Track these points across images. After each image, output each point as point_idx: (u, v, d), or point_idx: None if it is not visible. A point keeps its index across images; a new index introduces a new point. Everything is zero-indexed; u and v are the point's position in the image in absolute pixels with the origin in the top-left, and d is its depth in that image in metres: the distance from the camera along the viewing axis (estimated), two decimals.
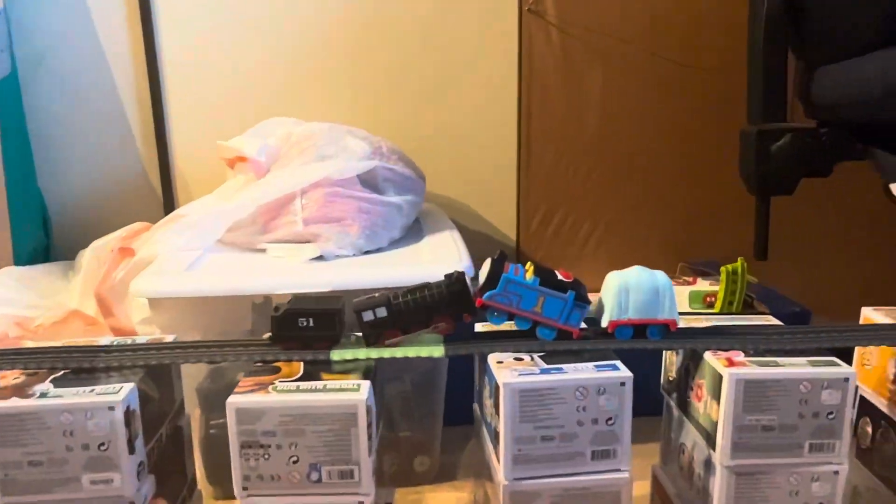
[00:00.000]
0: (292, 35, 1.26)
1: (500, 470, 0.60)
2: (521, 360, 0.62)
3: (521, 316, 0.63)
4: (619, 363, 0.61)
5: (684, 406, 0.68)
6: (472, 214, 1.34)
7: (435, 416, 0.92)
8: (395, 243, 1.01)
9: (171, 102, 1.27)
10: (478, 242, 1.33)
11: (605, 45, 1.22)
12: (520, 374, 0.59)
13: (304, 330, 0.63)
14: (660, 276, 0.64)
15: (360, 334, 0.64)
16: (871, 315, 0.73)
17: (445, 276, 0.64)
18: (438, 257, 0.92)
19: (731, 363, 0.60)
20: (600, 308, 0.65)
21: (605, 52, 1.22)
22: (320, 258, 0.93)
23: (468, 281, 0.64)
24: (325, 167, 0.97)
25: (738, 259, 0.99)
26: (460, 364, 0.72)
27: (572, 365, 0.61)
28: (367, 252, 0.96)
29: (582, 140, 1.27)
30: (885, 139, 0.84)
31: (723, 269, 0.99)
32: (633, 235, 1.31)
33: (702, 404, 0.64)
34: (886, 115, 0.79)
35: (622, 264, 0.66)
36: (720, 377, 0.59)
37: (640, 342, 0.64)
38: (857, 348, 0.73)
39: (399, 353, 0.63)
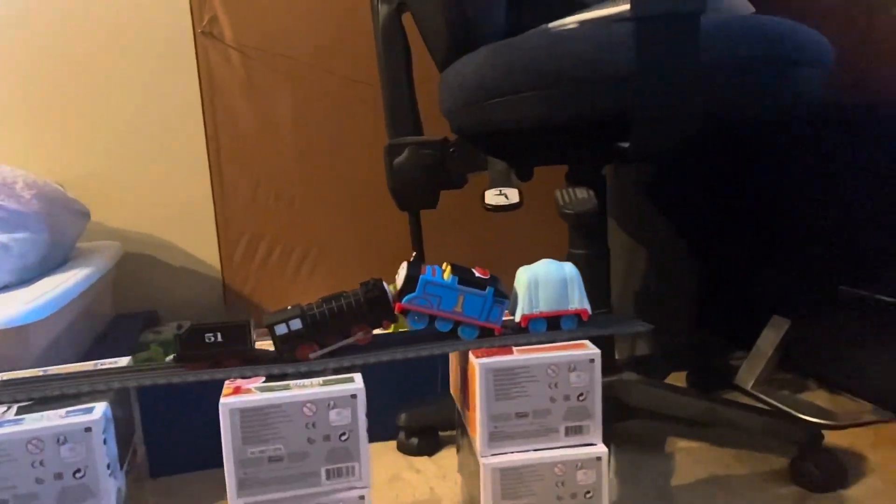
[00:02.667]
0: None
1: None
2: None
3: (443, 317, 0.62)
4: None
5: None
6: (173, 249, 1.23)
7: None
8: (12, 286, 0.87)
9: None
10: (180, 278, 1.23)
11: (287, 65, 1.21)
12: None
13: (211, 346, 0.59)
14: (568, 267, 0.65)
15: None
16: None
17: (361, 284, 0.61)
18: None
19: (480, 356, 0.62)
20: (514, 303, 0.65)
21: (289, 73, 1.21)
22: None
23: (385, 287, 0.61)
24: None
25: None
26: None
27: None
28: None
29: (279, 164, 1.24)
30: (503, 147, 0.84)
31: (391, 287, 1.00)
32: (349, 257, 1.31)
33: None
34: (485, 118, 0.76)
35: (340, 288, 0.64)
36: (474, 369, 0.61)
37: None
38: None
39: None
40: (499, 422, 0.61)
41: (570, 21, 0.76)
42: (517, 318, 0.66)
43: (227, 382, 0.58)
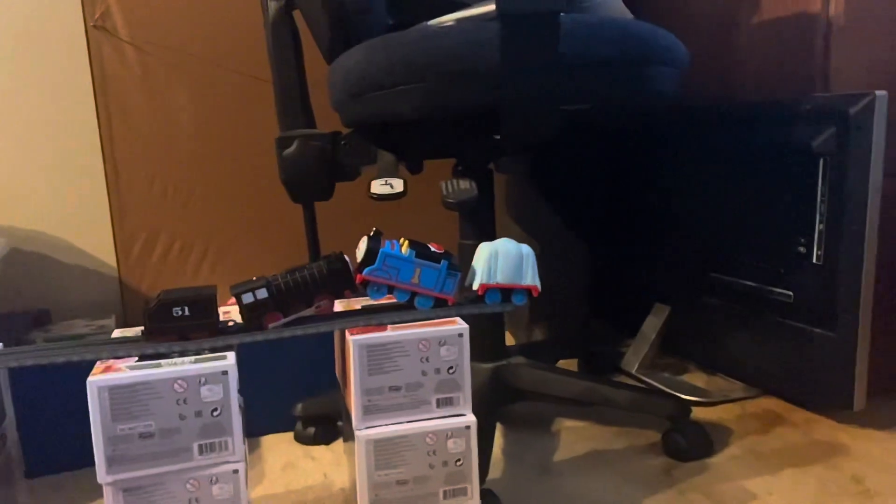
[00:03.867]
0: None
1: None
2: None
3: (400, 288, 0.66)
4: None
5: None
6: (67, 247, 1.20)
7: None
8: None
9: None
10: (74, 276, 1.20)
11: (183, 61, 1.21)
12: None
13: (179, 320, 0.60)
14: (525, 247, 0.69)
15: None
16: None
17: (323, 256, 0.65)
18: None
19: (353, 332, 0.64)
20: (472, 275, 0.68)
21: (185, 69, 1.21)
22: None
23: (347, 259, 0.65)
24: None
25: None
26: None
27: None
28: None
29: (176, 160, 1.23)
30: (389, 139, 0.87)
31: (230, 289, 1.00)
32: (252, 252, 1.31)
33: None
34: (369, 111, 0.79)
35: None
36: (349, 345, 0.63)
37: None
38: None
39: None
40: (372, 395, 0.64)
41: (448, 19, 0.80)
42: (475, 286, 0.69)
43: (98, 362, 0.58)
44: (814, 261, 0.95)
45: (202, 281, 1.27)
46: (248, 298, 0.62)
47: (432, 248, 0.68)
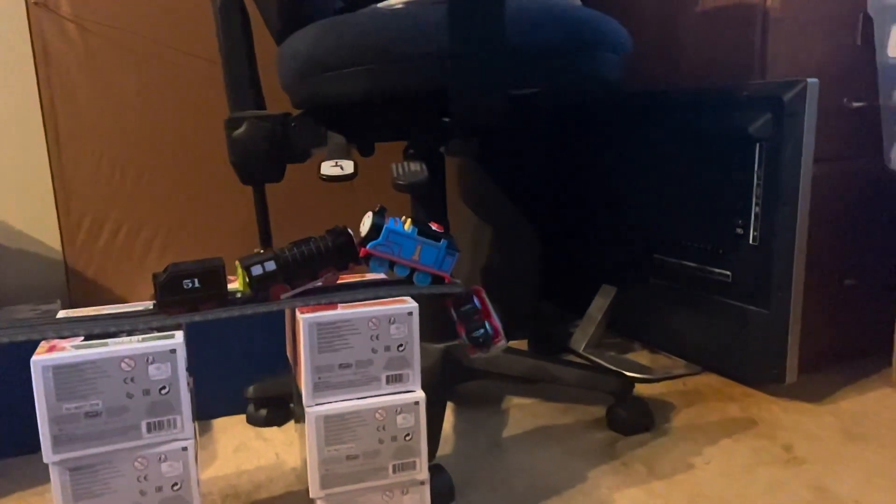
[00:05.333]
0: None
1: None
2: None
3: (401, 264, 0.68)
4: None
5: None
6: (10, 231, 1.17)
7: None
8: None
9: None
10: (17, 261, 1.18)
11: (130, 41, 1.18)
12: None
13: (190, 292, 0.61)
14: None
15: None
16: None
17: (328, 231, 0.67)
18: None
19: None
20: None
21: (132, 49, 1.19)
22: None
23: (352, 234, 0.68)
24: None
25: (255, 251, 1.02)
26: None
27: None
28: None
29: (123, 141, 1.21)
30: (340, 121, 0.87)
31: (237, 262, 1.01)
32: (205, 235, 1.29)
33: None
34: (318, 92, 0.79)
35: None
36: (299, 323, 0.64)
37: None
38: None
39: None
40: (323, 373, 0.65)
41: (397, 1, 0.81)
42: None
43: (42, 342, 0.58)
44: (750, 242, 0.99)
45: (152, 265, 1.26)
46: (257, 270, 0.65)
47: (434, 228, 0.71)
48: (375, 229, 0.68)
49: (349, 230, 0.69)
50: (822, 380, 1.09)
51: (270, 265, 0.65)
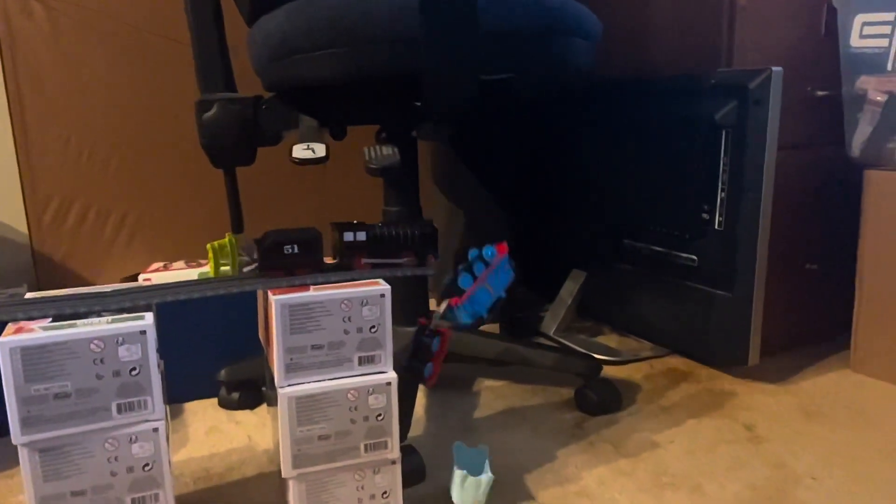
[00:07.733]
0: None
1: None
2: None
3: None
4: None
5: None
6: None
7: None
8: None
9: None
10: None
11: (97, 20, 1.16)
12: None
13: (288, 257, 0.65)
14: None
15: None
16: None
17: (418, 220, 0.70)
18: None
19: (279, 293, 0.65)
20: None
21: (100, 29, 1.17)
22: None
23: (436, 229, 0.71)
24: None
25: (227, 235, 1.02)
26: None
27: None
28: None
29: (92, 124, 1.19)
30: (311, 104, 0.88)
31: (209, 245, 1.01)
32: (175, 219, 1.28)
33: None
34: (289, 74, 0.80)
35: (164, 253, 0.66)
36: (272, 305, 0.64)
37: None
38: None
39: None
40: (295, 354, 0.65)
41: None
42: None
43: (10, 323, 0.58)
44: (716, 227, 1.01)
45: (120, 249, 1.24)
46: (348, 237, 0.68)
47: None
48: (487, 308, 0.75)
49: (435, 226, 0.74)
50: (783, 361, 1.13)
51: (361, 235, 0.68)
